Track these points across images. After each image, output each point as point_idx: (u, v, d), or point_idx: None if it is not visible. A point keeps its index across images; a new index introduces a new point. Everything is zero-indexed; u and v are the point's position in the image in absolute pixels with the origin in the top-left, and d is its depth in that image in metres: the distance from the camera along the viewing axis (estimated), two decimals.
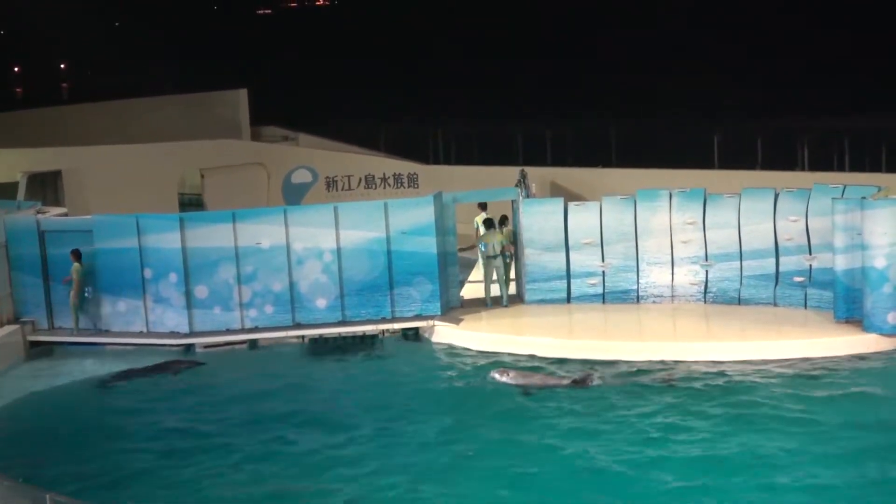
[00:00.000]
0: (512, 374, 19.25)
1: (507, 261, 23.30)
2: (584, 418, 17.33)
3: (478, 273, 23.69)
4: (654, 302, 22.70)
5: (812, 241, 21.67)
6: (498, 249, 22.97)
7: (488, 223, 23.32)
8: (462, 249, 23.47)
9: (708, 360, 19.54)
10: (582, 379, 18.88)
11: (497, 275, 23.06)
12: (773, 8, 72.39)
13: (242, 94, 37.07)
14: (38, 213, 23.50)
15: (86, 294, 22.37)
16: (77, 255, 22.21)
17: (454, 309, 22.85)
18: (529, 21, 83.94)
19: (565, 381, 18.90)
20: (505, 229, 23.42)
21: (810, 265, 21.75)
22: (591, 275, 22.89)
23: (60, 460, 16.64)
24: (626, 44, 70.99)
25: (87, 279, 22.33)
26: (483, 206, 24.07)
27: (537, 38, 77.86)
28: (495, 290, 23.14)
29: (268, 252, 22.24)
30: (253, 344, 22.07)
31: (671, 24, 72.90)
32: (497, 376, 19.20)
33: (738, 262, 22.29)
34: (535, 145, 32.80)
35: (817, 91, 48.62)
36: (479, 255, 23.42)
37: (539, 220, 22.90)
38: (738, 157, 29.85)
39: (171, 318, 22.28)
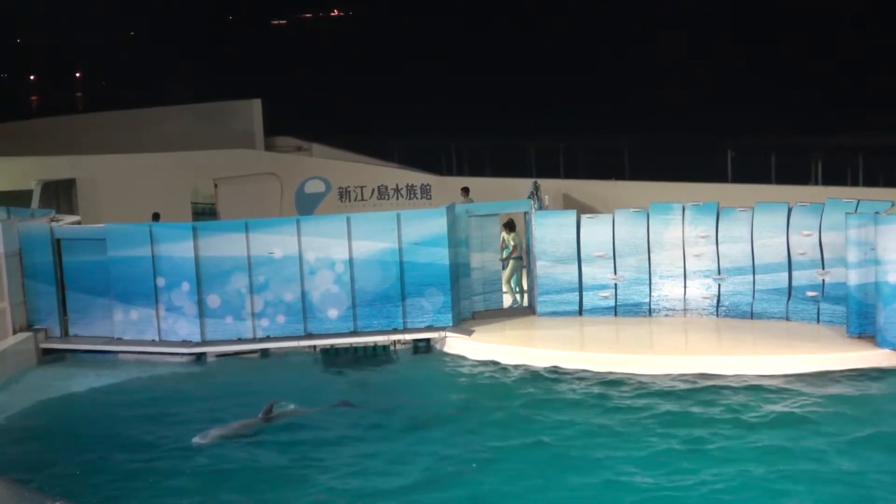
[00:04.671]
0: (212, 432, 17.63)
1: (516, 264, 23.51)
2: (593, 428, 17.34)
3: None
4: (666, 315, 22.68)
5: (825, 256, 21.64)
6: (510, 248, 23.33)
7: (509, 226, 23.66)
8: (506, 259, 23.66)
9: (719, 373, 19.50)
10: (268, 410, 18.17)
11: (504, 277, 23.36)
12: (787, 23, 72.34)
13: (256, 104, 37.13)
14: (52, 221, 23.60)
15: None
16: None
17: (466, 320, 22.88)
18: (543, 35, 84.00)
19: (259, 417, 18.06)
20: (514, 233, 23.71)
21: (823, 280, 21.71)
22: (603, 287, 22.89)
23: (69, 468, 16.63)
24: (638, 57, 70.98)
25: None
26: (510, 227, 23.94)
27: (550, 52, 77.89)
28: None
29: (280, 262, 22.28)
30: (264, 353, 22.12)
31: (684, 38, 72.88)
32: (199, 440, 17.43)
33: (751, 276, 22.27)
34: (548, 157, 32.78)
35: (831, 106, 48.54)
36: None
37: (551, 232, 22.93)
38: (751, 171, 29.77)
39: (184, 327, 22.34)
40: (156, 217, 27.01)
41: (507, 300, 23.80)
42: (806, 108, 48.87)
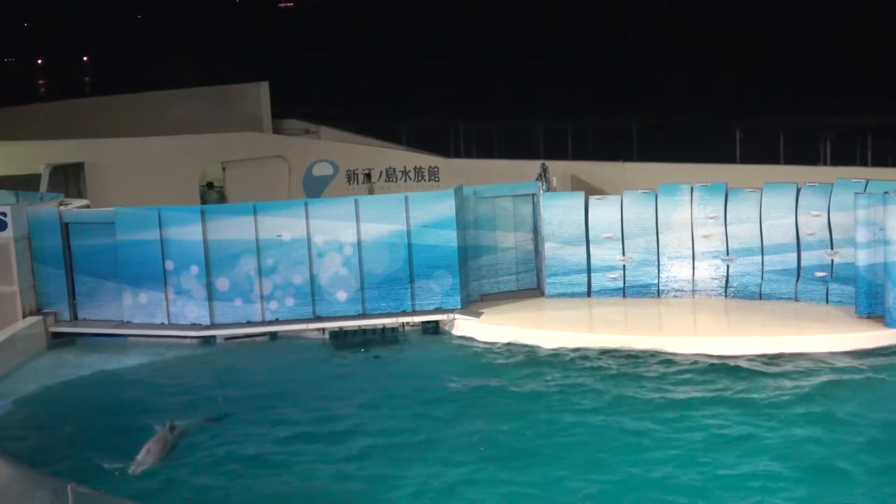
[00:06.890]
0: (152, 450, 16.38)
1: None
2: (599, 410, 17.36)
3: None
4: (674, 296, 22.68)
5: (834, 236, 21.62)
6: None
7: None
8: None
9: (728, 354, 19.49)
10: (171, 424, 17.24)
11: None
12: (796, 4, 72.12)
13: (264, 87, 37.08)
14: (61, 205, 23.63)
15: None
16: None
17: (474, 302, 22.90)
18: (550, 17, 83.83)
19: (167, 430, 17.05)
20: None
21: (832, 260, 21.69)
22: (611, 269, 22.90)
23: (78, 451, 16.67)
24: (647, 39, 70.82)
25: None
26: None
27: (558, 35, 77.73)
28: None
29: (288, 245, 22.31)
30: (273, 336, 22.16)
31: (693, 20, 72.69)
32: (141, 466, 16.16)
33: (760, 257, 22.26)
34: (556, 139, 32.73)
35: (840, 86, 48.40)
36: None
37: (560, 213, 22.93)
38: (760, 152, 29.69)
39: (193, 310, 22.38)
40: (210, 185, 27.17)
41: None
42: (815, 88, 48.74)
